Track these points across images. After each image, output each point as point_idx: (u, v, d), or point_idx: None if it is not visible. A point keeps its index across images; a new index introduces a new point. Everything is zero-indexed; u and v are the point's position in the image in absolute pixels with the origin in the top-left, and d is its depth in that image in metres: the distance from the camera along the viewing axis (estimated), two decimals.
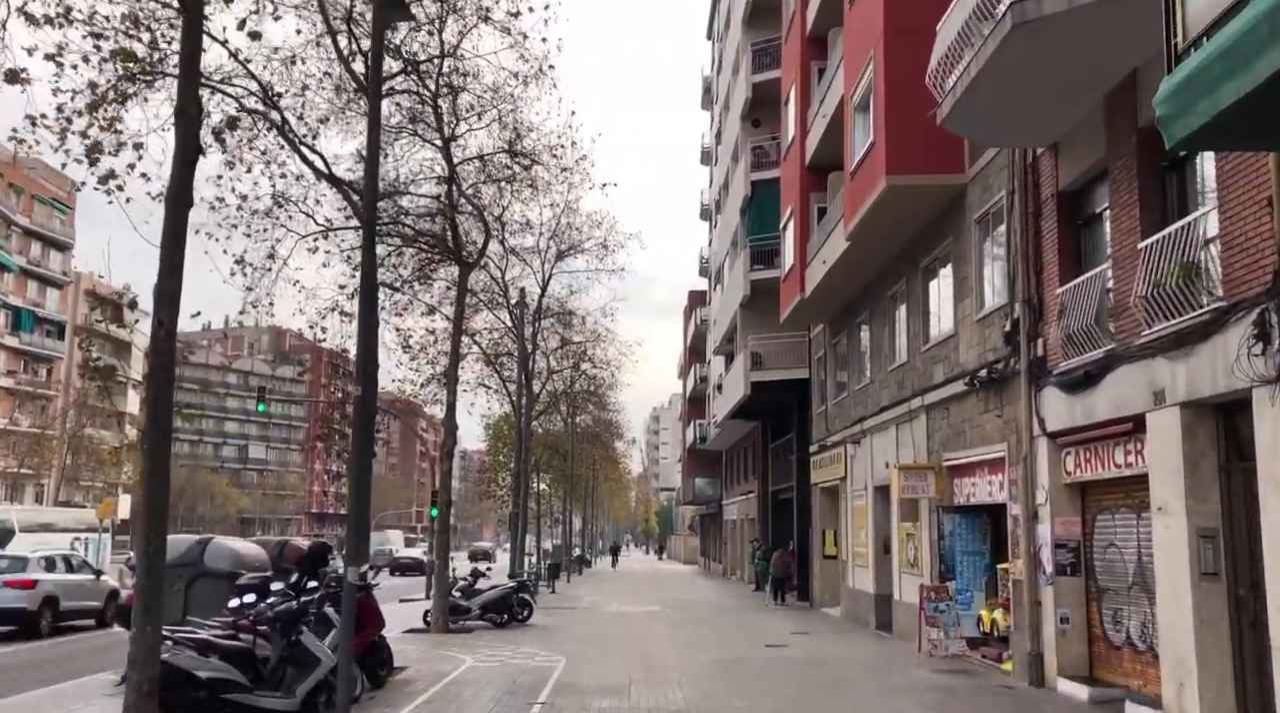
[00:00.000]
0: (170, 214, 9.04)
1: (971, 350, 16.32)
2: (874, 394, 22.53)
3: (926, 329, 19.05)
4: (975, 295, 16.26)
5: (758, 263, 33.53)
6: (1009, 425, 14.68)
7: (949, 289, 17.76)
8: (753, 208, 34.23)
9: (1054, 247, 13.26)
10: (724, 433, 48.51)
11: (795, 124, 26.31)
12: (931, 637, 15.17)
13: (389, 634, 20.66)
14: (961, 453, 16.80)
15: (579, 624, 23.18)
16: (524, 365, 31.97)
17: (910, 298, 19.85)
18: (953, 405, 17.22)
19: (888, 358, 21.47)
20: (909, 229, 18.97)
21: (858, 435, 23.83)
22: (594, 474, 70.23)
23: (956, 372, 16.90)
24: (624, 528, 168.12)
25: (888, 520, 22.07)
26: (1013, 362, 14.35)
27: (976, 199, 16.23)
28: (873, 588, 22.60)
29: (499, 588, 22.93)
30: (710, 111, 58.24)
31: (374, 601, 13.13)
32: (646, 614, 26.38)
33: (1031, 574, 13.61)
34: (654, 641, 19.68)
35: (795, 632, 21.59)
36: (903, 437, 20.19)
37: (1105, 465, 12.08)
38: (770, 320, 33.15)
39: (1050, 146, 13.27)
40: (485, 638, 19.92)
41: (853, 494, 24.65)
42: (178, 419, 16.21)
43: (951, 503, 17.56)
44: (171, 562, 14.89)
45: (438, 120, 20.81)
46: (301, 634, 10.08)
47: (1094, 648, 12.79)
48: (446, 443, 21.99)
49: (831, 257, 21.75)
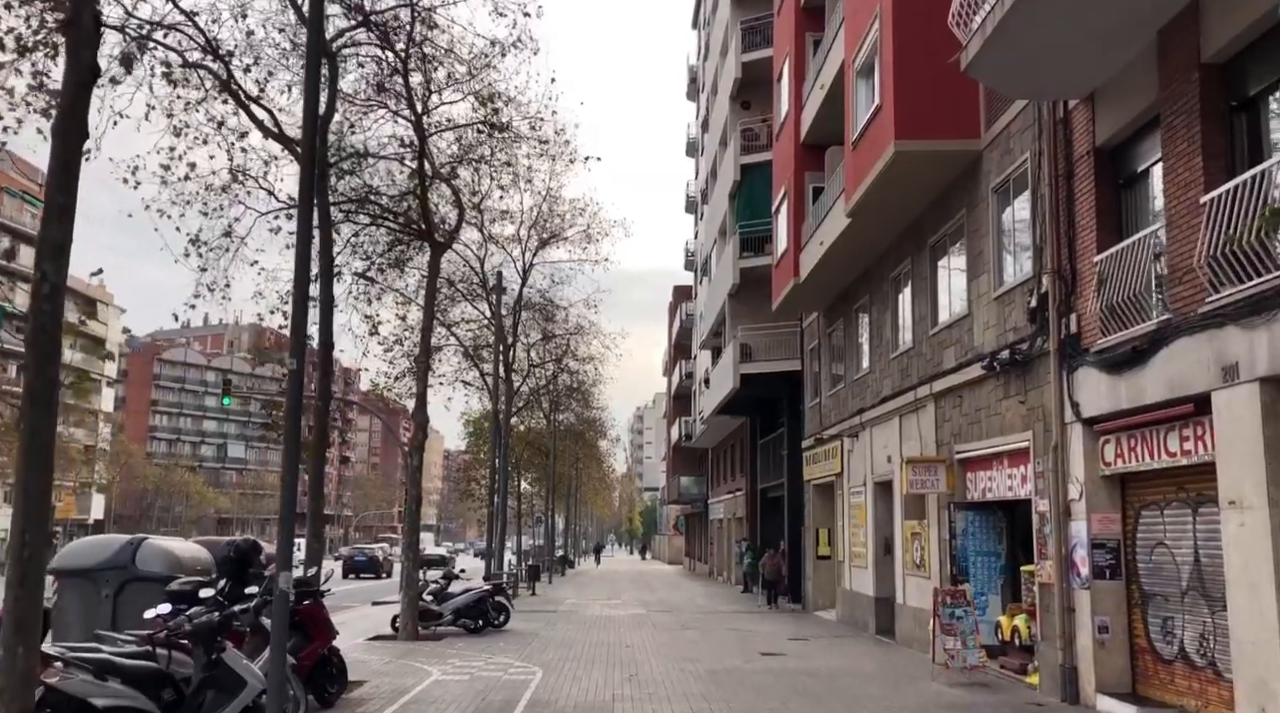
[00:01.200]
0: (58, 146, 7.48)
1: (988, 331, 14.89)
2: (874, 384, 21.09)
3: (935, 311, 17.62)
4: (993, 271, 14.82)
5: (747, 250, 32.06)
6: (1034, 412, 13.24)
7: (961, 267, 16.33)
8: (742, 193, 32.76)
9: (1090, 210, 11.82)
10: (710, 430, 47.04)
11: (789, 100, 24.85)
12: (947, 646, 13.71)
13: (354, 642, 19.19)
14: (976, 444, 15.35)
15: (559, 630, 21.65)
16: (500, 348, 30.34)
17: (916, 278, 18.41)
18: (966, 392, 15.79)
19: (889, 345, 20.04)
20: (916, 203, 17.53)
21: (855, 429, 22.40)
22: (577, 473, 68.71)
23: (971, 355, 15.46)
24: (608, 528, 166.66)
25: (889, 518, 20.63)
26: (1040, 341, 12.91)
27: (994, 165, 14.79)
28: (872, 591, 21.16)
29: (473, 591, 21.37)
30: (696, 102, 56.80)
31: (323, 609, 11.57)
32: (631, 618, 24.88)
33: (1063, 578, 12.17)
34: (640, 648, 18.18)
35: (791, 638, 20.12)
36: (908, 428, 18.75)
37: (1154, 454, 10.64)
38: (760, 311, 31.68)
39: (1086, 98, 11.83)
40: (457, 646, 18.38)
41: (850, 491, 23.21)
42: (151, 417, 14.65)
43: (964, 499, 16.12)
44: (98, 565, 13.32)
45: (407, 91, 19.27)
46: (224, 652, 8.51)
47: (1138, 662, 11.35)
48: (416, 437, 20.42)
49: (830, 237, 20.29)
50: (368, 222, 20.67)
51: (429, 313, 20.90)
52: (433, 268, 21.10)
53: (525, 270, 34.87)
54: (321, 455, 13.14)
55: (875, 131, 16.53)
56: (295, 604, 11.35)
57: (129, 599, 12.92)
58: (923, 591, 17.75)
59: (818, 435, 25.66)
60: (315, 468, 13.17)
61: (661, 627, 22.64)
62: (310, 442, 12.97)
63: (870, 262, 21.12)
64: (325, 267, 13.72)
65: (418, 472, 20.30)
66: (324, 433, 13.12)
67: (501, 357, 33.07)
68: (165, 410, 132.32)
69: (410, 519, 20.29)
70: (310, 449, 12.98)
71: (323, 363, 13.17)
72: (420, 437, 20.42)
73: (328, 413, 13.18)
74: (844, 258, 21.02)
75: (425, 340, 20.82)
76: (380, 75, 19.13)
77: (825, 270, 22.09)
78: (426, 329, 20.86)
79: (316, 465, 13.15)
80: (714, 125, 41.07)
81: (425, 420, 20.58)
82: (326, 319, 13.57)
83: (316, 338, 15.16)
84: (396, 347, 32.89)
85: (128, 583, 13.10)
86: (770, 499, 36.58)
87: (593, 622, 23.84)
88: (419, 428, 20.46)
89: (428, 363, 20.81)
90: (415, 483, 20.35)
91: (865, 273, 21.74)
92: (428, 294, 21.00)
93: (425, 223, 20.63)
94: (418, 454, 20.38)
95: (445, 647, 18.25)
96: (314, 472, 13.20)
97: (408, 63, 18.97)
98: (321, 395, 13.07)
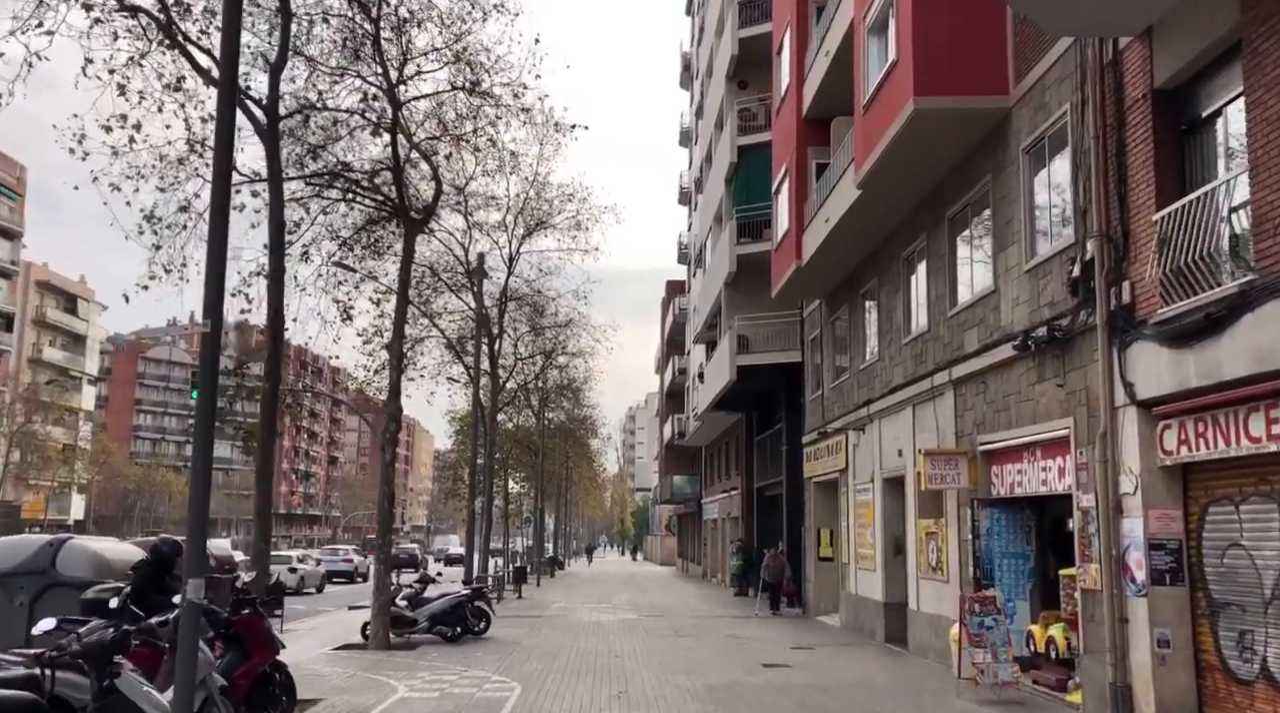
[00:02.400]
0: None
1: (1018, 308, 13.37)
2: (883, 372, 19.57)
3: (954, 291, 16.11)
4: (1024, 241, 13.30)
5: (745, 236, 30.53)
6: (1075, 396, 11.73)
7: (986, 239, 14.82)
8: (739, 176, 31.22)
9: (1146, 162, 10.30)
10: (705, 426, 45.50)
11: (790, 72, 23.32)
12: (976, 659, 12.18)
13: (318, 652, 17.59)
14: (1004, 434, 13.84)
15: (544, 637, 20.09)
16: (482, 335, 28.73)
17: (932, 256, 16.90)
18: (991, 377, 14.28)
19: (901, 330, 18.53)
20: (935, 170, 16.02)
21: (862, 421, 20.88)
22: (567, 472, 67.10)
23: (998, 336, 13.95)
24: (600, 529, 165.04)
25: (901, 517, 19.13)
26: (1083, 315, 11.40)
27: (1026, 123, 13.28)
28: (881, 595, 19.65)
29: (450, 596, 19.78)
30: (690, 90, 55.27)
31: (261, 621, 9.99)
32: (621, 624, 23.32)
33: (1113, 583, 10.66)
34: (631, 658, 16.63)
35: (795, 646, 18.58)
36: (922, 419, 17.25)
37: (1230, 440, 9.13)
38: (758, 300, 30.17)
39: (1142, 34, 10.32)
40: (431, 656, 16.82)
41: (855, 488, 21.69)
42: (136, 416, 13.07)
43: (988, 495, 14.61)
44: (13, 569, 11.69)
45: (378, 54, 17.73)
46: (118, 677, 6.94)
47: (1205, 681, 9.83)
48: (388, 428, 18.84)
49: (836, 213, 18.77)
50: (337, 196, 19.12)
51: (403, 295, 19.32)
52: (407, 247, 19.55)
53: (511, 258, 33.34)
54: (269, 445, 11.57)
55: (890, 91, 15.01)
56: (231, 615, 9.81)
57: (48, 607, 11.36)
58: (939, 595, 16.25)
59: (820, 430, 24.13)
60: (262, 459, 11.60)
61: (654, 633, 21.10)
62: (255, 429, 11.44)
63: (879, 241, 19.60)
64: (275, 234, 12.16)
65: (390, 467, 18.74)
66: (272, 420, 11.55)
67: (485, 347, 31.52)
68: (150, 409, 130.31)
69: (383, 518, 18.71)
70: (255, 436, 11.45)
71: (271, 341, 11.61)
72: (393, 429, 18.85)
73: (276, 396, 11.61)
74: (851, 236, 19.50)
75: (399, 325, 19.25)
76: (347, 35, 17.61)
77: (830, 251, 20.57)
78: (400, 313, 19.29)
79: (263, 456, 11.57)
80: (709, 110, 39.53)
81: (399, 411, 19.02)
82: (276, 293, 12.01)
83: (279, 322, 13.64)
84: (376, 338, 31.48)
85: (47, 589, 11.57)
86: (767, 498, 35.08)
87: (581, 628, 22.28)
88: (391, 419, 18.89)
89: (401, 350, 19.23)
90: (388, 479, 18.79)
91: (873, 254, 20.23)
92: (401, 274, 19.43)
93: (399, 199, 19.09)
94: (390, 447, 18.80)
95: (418, 657, 16.68)
96: (260, 463, 11.63)
97: (379, 23, 17.47)
98: (268, 377, 11.51)
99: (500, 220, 33.02)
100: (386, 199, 19.22)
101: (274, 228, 12.03)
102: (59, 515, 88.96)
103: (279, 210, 12.19)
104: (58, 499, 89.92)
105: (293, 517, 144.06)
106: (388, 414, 18.93)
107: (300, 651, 17.44)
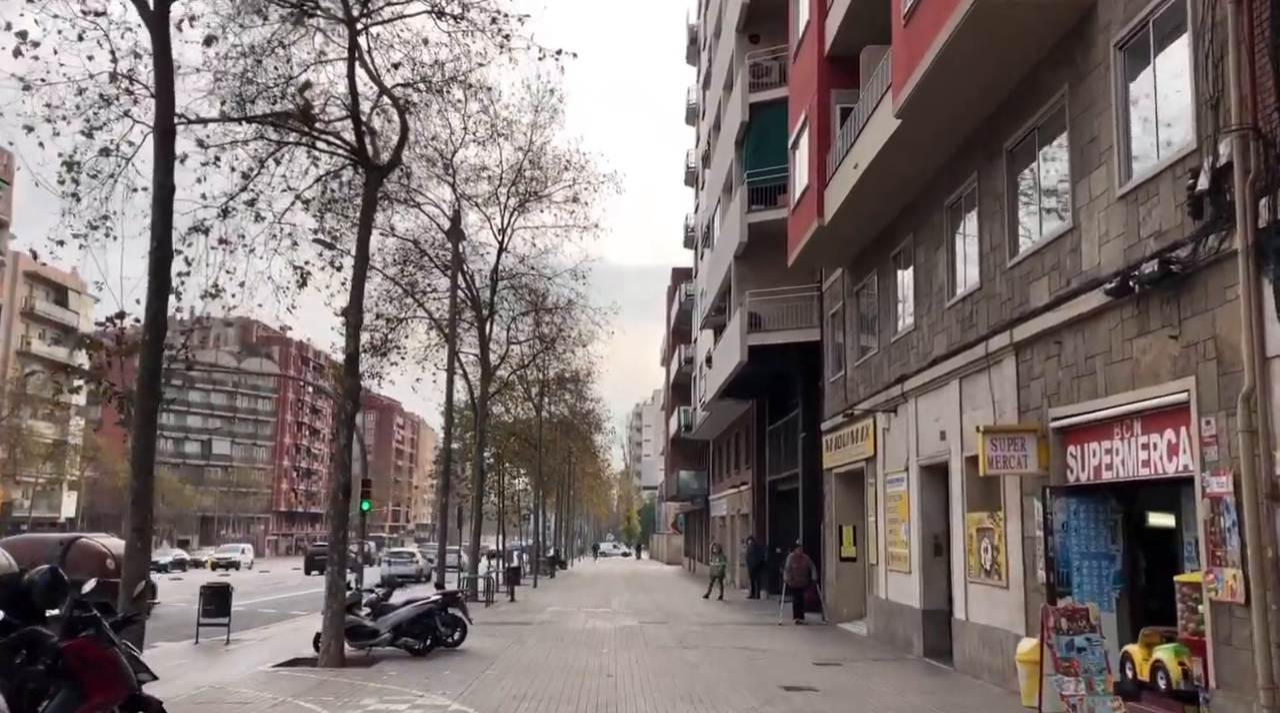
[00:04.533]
0: None
1: (1109, 246, 10.63)
2: (921, 344, 16.85)
3: (1014, 238, 13.38)
4: (1117, 160, 10.55)
5: (757, 203, 27.76)
6: (1197, 349, 9.00)
7: (1058, 168, 12.09)
8: (751, 136, 28.44)
9: None
10: (713, 418, 42.77)
11: (810, 6, 20.58)
12: (1066, 692, 9.44)
13: (257, 669, 14.72)
14: (1087, 405, 11.10)
15: (527, 650, 17.38)
16: (455, 290, 25.99)
17: (985, 198, 14.16)
18: (1069, 335, 11.54)
19: (944, 291, 15.80)
20: (989, 96, 13.28)
21: (895, 401, 18.16)
22: (570, 468, 64.43)
23: (1080, 282, 11.20)
24: (605, 527, 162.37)
25: (942, 511, 16.43)
26: (1211, 240, 8.65)
27: (1119, 12, 10.53)
28: (918, 601, 16.93)
29: (417, 603, 17.06)
30: (696, 64, 52.53)
31: (106, 648, 7.29)
32: (620, 633, 20.59)
33: (1265, 595, 7.91)
34: (625, 678, 13.92)
35: (818, 662, 15.86)
36: (973, 393, 14.52)
37: None
38: (771, 274, 27.45)
39: None
40: (388, 675, 14.14)
41: (886, 478, 18.96)
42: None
43: (1063, 481, 11.87)
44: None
45: None
46: None
47: None
48: (345, 406, 16.19)
49: (868, 155, 16.04)
50: (287, 139, 16.48)
51: (362, 252, 16.64)
52: (368, 198, 16.87)
53: (502, 230, 30.69)
54: (150, 413, 8.86)
55: None
56: (62, 639, 7.16)
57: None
58: (995, 604, 13.53)
59: (846, 412, 21.36)
60: (141, 429, 8.89)
61: (655, 644, 18.38)
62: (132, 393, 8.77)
63: (917, 189, 16.88)
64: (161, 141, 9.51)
65: (346, 450, 16.09)
66: (155, 381, 8.85)
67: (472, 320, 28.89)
68: None
69: (338, 510, 16.00)
70: (132, 403, 8.78)
71: (154, 277, 8.91)
72: (350, 407, 16.19)
73: (159, 350, 8.92)
74: (883, 186, 16.80)
75: (357, 287, 16.55)
76: None
77: (857, 206, 17.85)
78: (359, 272, 16.61)
79: (143, 425, 8.87)
80: (717, 75, 36.78)
81: (356, 388, 16.37)
82: (162, 216, 9.27)
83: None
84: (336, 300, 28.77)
85: None
86: (780, 493, 32.34)
87: (572, 638, 19.56)
88: (348, 397, 16.22)
89: (360, 316, 16.53)
90: (344, 466, 16.12)
91: (909, 207, 17.50)
92: (361, 230, 16.75)
93: (358, 141, 16.44)
94: (346, 429, 16.16)
95: (371, 677, 13.98)
96: (138, 438, 8.93)
97: None
98: (149, 327, 8.80)
99: (491, 192, 30.43)
100: (343, 144, 16.60)
101: (160, 134, 9.41)
102: (49, 513, 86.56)
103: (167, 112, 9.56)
104: (48, 496, 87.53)
105: (294, 515, 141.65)
106: (346, 390, 16.27)
107: (233, 669, 14.79)
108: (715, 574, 33.34)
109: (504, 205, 30.59)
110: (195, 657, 16.58)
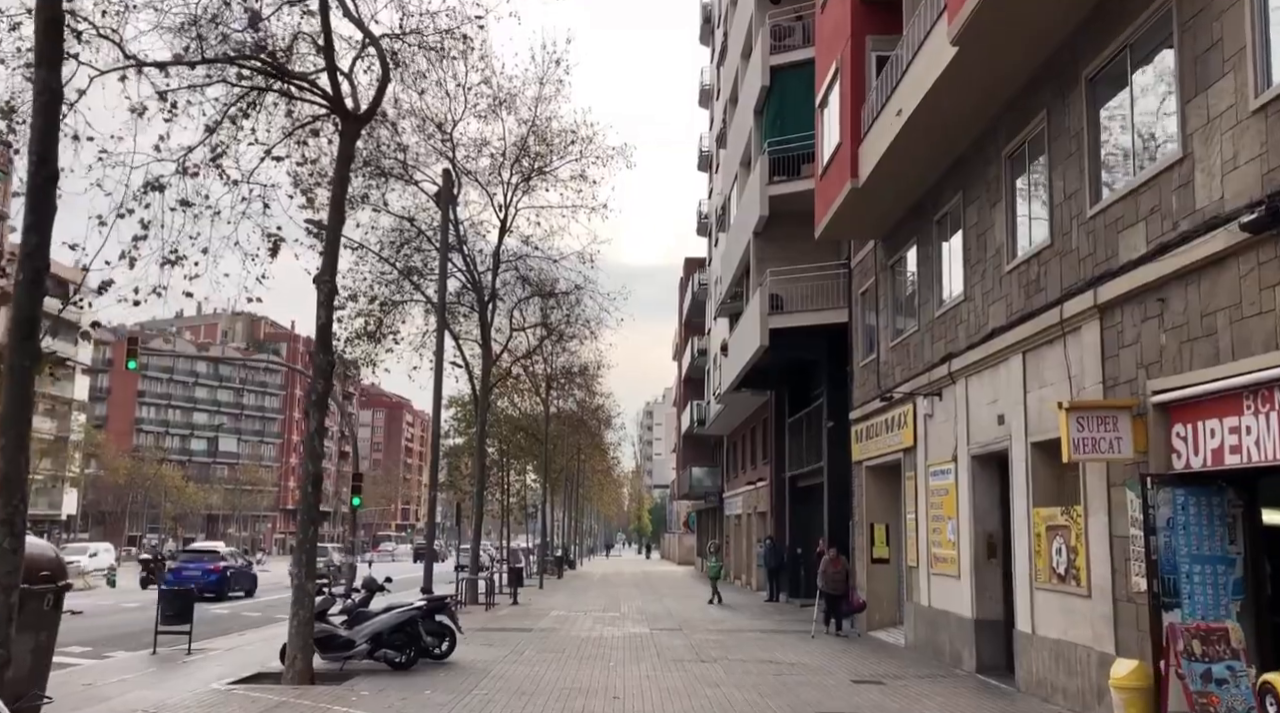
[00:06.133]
0: None
1: (1236, 174, 8.54)
2: (972, 316, 14.77)
3: (1095, 182, 11.29)
4: (1252, 63, 8.45)
5: (779, 174, 25.67)
6: None
7: (1161, 87, 10.00)
8: (771, 103, 26.34)
9: None
10: (727, 411, 40.68)
11: None
12: None
13: (208, 687, 12.70)
14: (1203, 374, 9.01)
15: (523, 664, 15.33)
16: (445, 257, 23.93)
17: (1056, 140, 12.08)
18: (1176, 290, 9.45)
19: (1003, 253, 13.72)
20: (1068, 11, 11.19)
21: (939, 384, 16.09)
22: (579, 464, 62.42)
23: (1196, 222, 9.11)
24: (616, 526, 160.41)
25: (998, 506, 14.39)
26: None
27: None
28: (970, 610, 14.84)
29: (399, 609, 15.01)
30: (710, 44, 50.43)
31: None
32: (629, 642, 18.54)
33: None
34: (634, 703, 11.85)
35: (857, 679, 13.78)
36: (1039, 368, 12.43)
37: None
38: (794, 251, 25.45)
39: None
40: (359, 695, 12.11)
41: (929, 470, 16.87)
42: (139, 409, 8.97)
43: (1167, 468, 9.78)
44: None
45: None
46: None
47: None
48: (314, 386, 14.18)
49: (915, 96, 13.96)
50: (255, 83, 14.53)
51: (337, 210, 14.63)
52: (344, 151, 14.88)
53: (504, 207, 28.70)
54: (24, 373, 6.82)
55: None
56: None
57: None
58: (1072, 615, 11.45)
59: (881, 396, 19.25)
60: (11, 395, 6.86)
61: (669, 657, 16.33)
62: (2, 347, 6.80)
63: (967, 143, 14.83)
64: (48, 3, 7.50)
65: (315, 438, 14.07)
66: (32, 330, 6.84)
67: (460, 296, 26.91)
68: (153, 402, 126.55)
69: (306, 505, 13.99)
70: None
71: (33, 202, 6.93)
72: (321, 387, 14.18)
73: (39, 296, 6.90)
74: (929, 136, 14.73)
75: (330, 249, 14.56)
76: None
77: (897, 162, 15.78)
78: (334, 234, 14.62)
79: (13, 390, 6.84)
80: (733, 46, 34.69)
81: (329, 366, 14.37)
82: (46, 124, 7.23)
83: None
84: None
85: None
86: (801, 489, 30.23)
87: (575, 648, 17.51)
88: (320, 375, 14.21)
89: (334, 285, 14.51)
90: (313, 454, 14.10)
91: (957, 163, 15.44)
92: (336, 187, 14.75)
93: (333, 87, 14.46)
94: (316, 413, 14.15)
95: (340, 697, 11.96)
96: (8, 406, 6.91)
97: None
98: (25, 265, 6.78)
99: (493, 168, 28.45)
100: (316, 90, 14.65)
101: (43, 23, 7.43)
102: (50, 511, 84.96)
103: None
104: (48, 494, 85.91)
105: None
106: (315, 366, 14.26)
107: (184, 685, 12.81)
108: (713, 576, 31.57)
109: (506, 182, 28.64)
110: (147, 670, 14.59)
